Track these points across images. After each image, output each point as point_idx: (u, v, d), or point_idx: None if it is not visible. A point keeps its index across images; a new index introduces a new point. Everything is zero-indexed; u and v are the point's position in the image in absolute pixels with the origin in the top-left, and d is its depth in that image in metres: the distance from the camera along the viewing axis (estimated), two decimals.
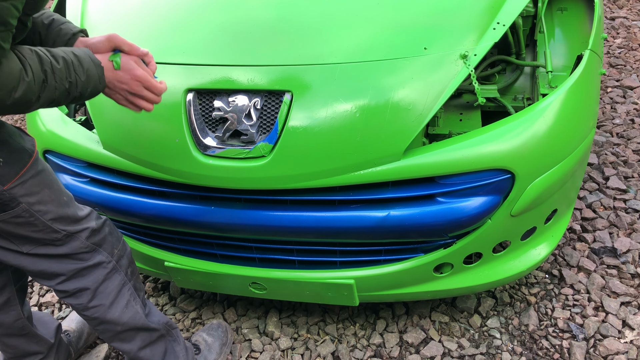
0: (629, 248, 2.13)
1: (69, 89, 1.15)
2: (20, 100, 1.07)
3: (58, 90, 1.13)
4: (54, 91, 1.12)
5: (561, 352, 1.81)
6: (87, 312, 1.47)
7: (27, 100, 1.08)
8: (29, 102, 1.09)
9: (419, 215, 1.47)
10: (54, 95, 1.13)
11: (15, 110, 1.09)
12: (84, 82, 1.18)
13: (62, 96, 1.15)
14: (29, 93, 1.07)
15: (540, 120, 1.51)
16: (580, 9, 2.04)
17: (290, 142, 1.46)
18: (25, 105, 1.09)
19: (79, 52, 1.19)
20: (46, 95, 1.11)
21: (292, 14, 1.68)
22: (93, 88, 1.21)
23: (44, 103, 1.13)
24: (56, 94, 1.13)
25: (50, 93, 1.12)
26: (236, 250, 1.71)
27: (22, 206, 1.25)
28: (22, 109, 1.10)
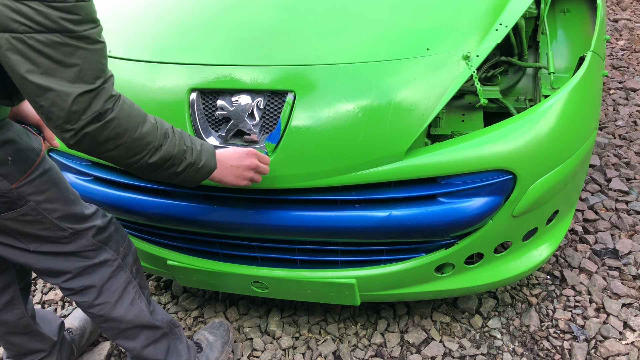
0: (631, 250, 2.13)
1: (186, 152, 1.22)
2: (145, 138, 1.12)
3: (177, 149, 1.20)
4: (174, 148, 1.19)
5: (562, 353, 1.81)
6: (93, 309, 1.48)
7: (149, 141, 1.13)
8: (150, 145, 1.14)
9: (420, 216, 1.47)
10: (173, 151, 1.19)
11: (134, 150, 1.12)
12: (199, 152, 1.26)
13: (179, 157, 1.21)
14: (152, 134, 1.14)
15: (542, 121, 1.51)
16: (582, 11, 2.04)
17: (292, 142, 1.47)
18: (146, 148, 1.14)
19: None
20: (166, 149, 1.17)
21: (296, 14, 1.69)
22: (206, 161, 1.28)
23: (163, 157, 1.18)
24: (175, 150, 1.19)
25: (170, 148, 1.18)
26: (238, 249, 1.71)
27: (30, 204, 1.26)
28: (143, 152, 1.14)
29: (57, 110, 1.00)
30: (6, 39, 0.93)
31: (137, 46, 1.70)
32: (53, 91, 0.98)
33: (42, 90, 0.98)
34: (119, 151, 1.11)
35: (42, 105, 1.00)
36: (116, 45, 1.71)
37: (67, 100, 0.99)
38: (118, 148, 1.10)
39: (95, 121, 1.03)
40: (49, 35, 0.94)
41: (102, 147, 1.08)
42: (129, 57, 1.67)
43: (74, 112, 1.00)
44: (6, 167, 1.20)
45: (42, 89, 0.98)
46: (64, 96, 0.98)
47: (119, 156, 1.13)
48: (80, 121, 1.02)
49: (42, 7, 0.92)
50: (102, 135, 1.06)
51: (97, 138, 1.06)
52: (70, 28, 0.96)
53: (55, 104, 0.99)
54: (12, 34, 0.93)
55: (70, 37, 0.96)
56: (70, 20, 0.96)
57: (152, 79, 1.61)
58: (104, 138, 1.06)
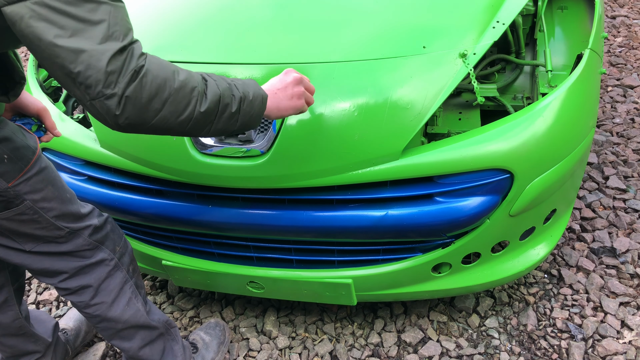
0: (628, 248, 2.12)
1: (230, 87, 1.12)
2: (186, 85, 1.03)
3: (220, 87, 1.10)
4: (217, 87, 1.09)
5: (559, 352, 1.80)
6: (89, 309, 1.47)
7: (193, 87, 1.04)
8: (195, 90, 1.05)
9: (417, 215, 1.46)
10: (218, 90, 1.09)
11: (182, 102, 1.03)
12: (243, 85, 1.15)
13: (227, 94, 1.11)
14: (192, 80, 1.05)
15: (540, 119, 1.51)
16: (580, 8, 2.03)
17: (288, 141, 1.45)
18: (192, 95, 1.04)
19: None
20: (212, 90, 1.08)
21: (291, 12, 1.68)
22: (255, 92, 1.17)
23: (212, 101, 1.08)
24: (220, 89, 1.09)
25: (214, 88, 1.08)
26: (234, 249, 1.70)
27: (27, 203, 1.25)
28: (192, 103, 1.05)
29: (94, 72, 0.92)
30: (28, 7, 0.89)
31: None
32: (85, 52, 0.92)
33: (75, 54, 0.91)
34: (169, 108, 1.01)
35: (79, 72, 0.92)
36: None
37: (101, 59, 0.92)
38: (166, 105, 1.01)
39: (132, 80, 0.96)
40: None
41: (150, 110, 0.99)
42: None
43: (111, 72, 0.93)
44: (2, 166, 1.19)
45: (75, 53, 0.91)
46: (98, 55, 0.92)
47: (171, 114, 1.02)
48: (119, 83, 0.94)
49: None
50: (144, 94, 0.97)
51: (140, 99, 0.97)
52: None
53: (90, 66, 0.92)
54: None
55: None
56: None
57: None
58: (147, 96, 0.98)
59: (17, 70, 1.20)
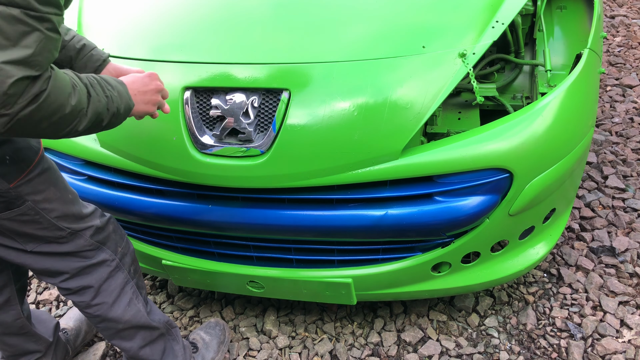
0: (628, 247, 2.12)
1: (108, 103, 1.15)
2: (75, 109, 1.05)
3: (101, 103, 1.13)
4: (98, 103, 1.12)
5: (559, 351, 1.81)
6: (90, 309, 1.47)
7: (80, 109, 1.07)
8: (81, 112, 1.08)
9: (416, 215, 1.46)
10: (99, 107, 1.12)
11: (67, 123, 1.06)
12: (117, 97, 1.19)
13: (104, 110, 1.14)
14: (82, 101, 1.07)
15: (539, 119, 1.51)
16: (579, 8, 2.03)
17: (287, 141, 1.46)
18: (78, 116, 1.07)
19: (103, 75, 1.22)
20: (92, 108, 1.11)
21: (291, 12, 1.68)
22: (126, 104, 1.22)
23: (91, 119, 1.11)
24: (100, 106, 1.13)
25: (96, 104, 1.11)
26: (234, 248, 1.70)
27: (28, 204, 1.25)
28: (74, 122, 1.08)
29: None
30: None
31: (131, 44, 1.69)
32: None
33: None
34: (52, 128, 1.04)
35: None
36: (110, 44, 1.69)
37: (5, 82, 0.89)
38: (51, 125, 1.03)
39: (30, 104, 0.95)
40: (8, 9, 0.88)
41: (35, 128, 1.01)
42: (122, 56, 1.66)
43: (11, 95, 0.91)
44: (4, 167, 1.19)
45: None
46: (4, 77, 0.89)
47: (51, 132, 1.05)
48: (16, 105, 0.93)
49: None
50: (37, 116, 0.98)
51: (31, 120, 0.97)
52: (34, 5, 0.90)
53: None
54: None
55: (30, 16, 0.90)
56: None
57: None
58: (39, 118, 0.98)
59: None
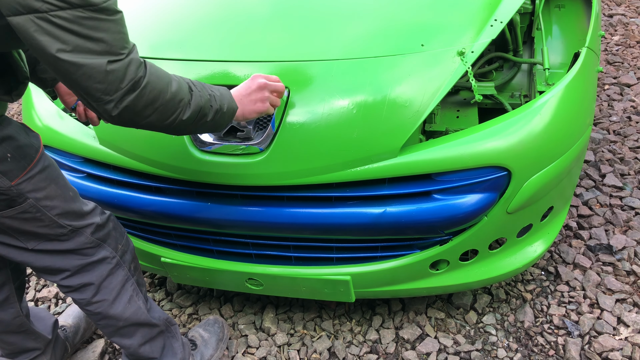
0: (625, 245, 2.13)
1: (210, 100, 1.23)
2: (176, 96, 1.14)
3: (203, 98, 1.21)
4: (200, 98, 1.20)
5: (556, 348, 1.82)
6: (90, 307, 1.48)
7: (181, 98, 1.15)
8: (182, 102, 1.16)
9: (415, 212, 1.47)
10: (201, 102, 1.20)
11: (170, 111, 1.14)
12: (220, 96, 1.27)
13: (207, 105, 1.22)
14: (183, 91, 1.16)
15: (537, 117, 1.51)
16: (577, 6, 2.04)
17: (286, 139, 1.46)
18: (179, 106, 1.16)
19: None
20: (195, 102, 1.19)
21: (290, 10, 1.68)
22: (229, 104, 1.29)
23: (194, 111, 1.19)
24: (202, 101, 1.21)
25: (198, 99, 1.20)
26: (232, 246, 1.71)
27: (30, 202, 1.25)
28: (178, 111, 1.16)
29: (94, 83, 1.01)
30: (32, 21, 0.94)
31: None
32: (85, 66, 0.99)
33: (76, 67, 0.99)
34: (157, 115, 1.13)
35: (79, 83, 1.01)
36: None
37: (101, 72, 1.00)
38: (155, 112, 1.12)
39: (131, 91, 1.05)
40: (73, 12, 0.95)
41: (142, 115, 1.10)
42: None
43: (110, 82, 1.02)
44: (5, 164, 1.19)
45: (76, 66, 0.99)
46: (98, 68, 1.00)
47: (157, 120, 1.14)
48: (118, 91, 1.03)
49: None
50: (140, 103, 1.08)
51: (136, 107, 1.08)
52: (91, 1, 0.97)
53: (90, 77, 1.00)
54: (37, 14, 0.93)
55: (92, 11, 0.97)
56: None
57: None
58: (143, 105, 1.08)
59: (20, 70, 1.21)
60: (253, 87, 1.36)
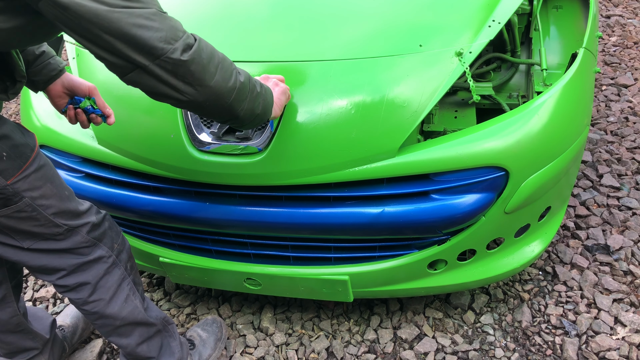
0: (622, 245, 2.14)
1: (255, 95, 1.23)
2: (225, 59, 1.14)
3: (250, 82, 1.21)
4: (248, 81, 1.20)
5: (554, 348, 1.82)
6: (87, 306, 1.47)
7: (230, 62, 1.16)
8: (232, 66, 1.16)
9: (413, 212, 1.47)
10: (248, 85, 1.20)
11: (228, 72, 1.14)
12: (262, 93, 1.27)
13: (252, 81, 1.22)
14: (227, 75, 1.14)
15: (535, 117, 1.52)
16: (575, 7, 2.04)
17: (285, 139, 1.46)
18: (232, 67, 1.15)
19: None
20: (239, 94, 1.18)
21: (288, 10, 1.68)
22: (268, 101, 1.30)
23: (246, 77, 1.20)
24: (249, 85, 1.21)
25: (246, 82, 1.19)
26: (231, 246, 1.71)
27: (25, 201, 1.25)
28: (233, 73, 1.16)
29: (155, 33, 1.01)
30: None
31: None
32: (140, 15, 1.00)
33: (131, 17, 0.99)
34: (220, 73, 1.12)
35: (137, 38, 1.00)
36: None
37: (160, 22, 1.02)
38: (218, 70, 1.12)
39: (187, 49, 1.05)
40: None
41: (208, 71, 1.10)
42: None
43: (168, 28, 1.03)
44: (1, 163, 1.19)
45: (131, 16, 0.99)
46: (156, 19, 1.02)
47: (223, 79, 1.13)
48: (179, 39, 1.04)
49: None
50: (203, 55, 1.08)
51: (201, 58, 1.08)
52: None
53: (151, 28, 1.00)
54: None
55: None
56: None
57: None
58: (206, 57, 1.09)
59: (18, 69, 1.21)
60: (277, 93, 1.38)
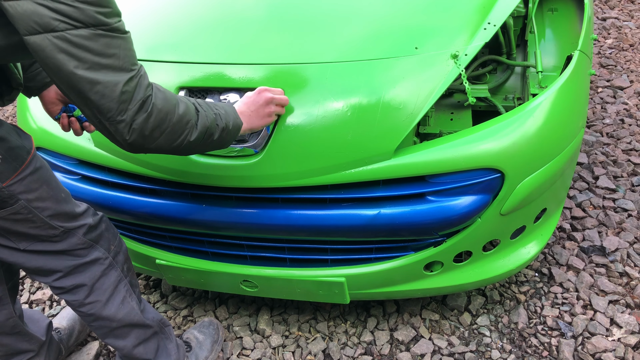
0: (618, 247, 2.15)
1: (216, 118, 1.26)
2: (183, 119, 1.17)
3: (209, 118, 1.24)
4: (206, 119, 1.23)
5: (550, 349, 1.82)
6: (83, 308, 1.47)
7: (187, 120, 1.19)
8: (189, 124, 1.19)
9: (409, 214, 1.47)
10: (207, 122, 1.24)
11: (178, 133, 1.17)
12: (225, 114, 1.30)
13: (213, 125, 1.26)
14: (188, 113, 1.19)
15: (530, 120, 1.52)
16: (570, 10, 2.05)
17: (281, 141, 1.47)
18: (187, 127, 1.19)
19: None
20: (202, 123, 1.22)
21: (284, 12, 1.69)
22: (234, 122, 1.32)
23: (201, 132, 1.23)
24: (208, 122, 1.24)
25: (204, 120, 1.23)
26: (227, 248, 1.71)
27: (21, 203, 1.25)
28: (185, 133, 1.19)
29: (107, 101, 1.04)
30: (49, 40, 0.97)
31: None
32: (101, 83, 1.02)
33: (91, 84, 1.02)
34: (165, 137, 1.16)
35: (93, 100, 1.04)
36: None
37: (115, 90, 1.04)
38: (164, 134, 1.15)
39: (141, 111, 1.08)
40: (87, 30, 0.99)
41: (151, 138, 1.13)
42: None
43: (123, 101, 1.05)
44: None
45: (91, 83, 1.02)
46: (112, 86, 1.03)
47: (166, 143, 1.17)
48: (129, 111, 1.06)
49: (77, 4, 0.97)
50: (149, 125, 1.10)
51: (145, 129, 1.10)
52: (105, 21, 1.01)
53: (104, 95, 1.03)
54: (54, 32, 0.96)
55: (105, 30, 1.01)
56: (103, 13, 1.00)
57: None
58: (152, 127, 1.11)
59: (14, 77, 1.22)
60: (260, 102, 1.39)
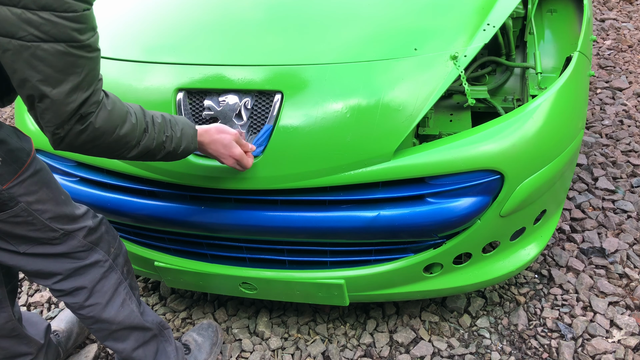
0: (617, 248, 2.15)
1: (165, 142, 1.26)
2: (122, 139, 1.16)
3: (156, 142, 1.24)
4: (152, 142, 1.23)
5: (550, 351, 1.82)
6: (83, 310, 1.47)
7: (127, 141, 1.18)
8: (128, 145, 1.19)
9: (409, 216, 1.47)
10: (151, 145, 1.23)
11: (112, 149, 1.17)
12: (178, 139, 1.29)
13: (158, 148, 1.25)
14: (131, 134, 1.17)
15: (530, 121, 1.52)
16: (569, 11, 2.05)
17: (280, 142, 1.46)
18: (124, 147, 1.18)
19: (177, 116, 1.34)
20: (145, 144, 1.22)
21: (284, 14, 1.68)
22: (186, 146, 1.31)
23: (141, 152, 1.22)
24: (153, 144, 1.23)
25: (149, 142, 1.22)
26: (226, 250, 1.71)
27: (21, 205, 1.25)
28: (121, 150, 1.19)
29: (50, 116, 1.03)
30: (13, 45, 0.96)
31: (124, 46, 1.69)
32: (50, 99, 1.01)
33: (41, 96, 1.01)
34: (97, 150, 1.16)
35: (38, 107, 1.03)
36: (103, 45, 1.69)
37: (63, 110, 1.03)
38: (96, 148, 1.15)
39: (77, 124, 1.07)
40: (55, 45, 0.97)
41: (80, 149, 1.13)
42: (116, 57, 1.66)
43: (66, 119, 1.05)
44: None
45: (42, 95, 1.01)
46: (61, 105, 1.02)
47: (98, 154, 1.18)
48: (67, 125, 1.06)
49: (52, 17, 0.95)
50: (79, 140, 1.10)
51: (75, 142, 1.10)
52: (76, 37, 0.99)
53: (49, 109, 1.03)
54: (20, 41, 0.95)
55: (74, 47, 1.00)
56: (77, 29, 0.99)
57: (139, 79, 1.60)
58: (82, 142, 1.11)
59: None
60: (216, 138, 1.37)
